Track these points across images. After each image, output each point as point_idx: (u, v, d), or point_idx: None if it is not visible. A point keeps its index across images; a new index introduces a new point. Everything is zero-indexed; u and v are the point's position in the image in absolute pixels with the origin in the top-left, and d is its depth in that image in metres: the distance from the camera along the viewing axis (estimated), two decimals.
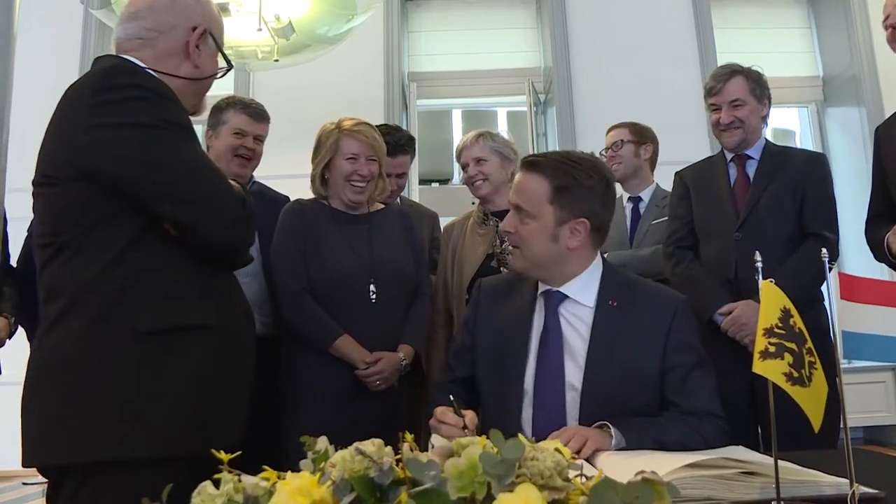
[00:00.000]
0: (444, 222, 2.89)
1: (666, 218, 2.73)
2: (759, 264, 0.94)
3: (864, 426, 6.18)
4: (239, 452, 0.80)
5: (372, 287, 2.19)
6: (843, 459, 0.92)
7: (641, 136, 2.96)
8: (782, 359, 0.86)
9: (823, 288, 2.17)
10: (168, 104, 1.34)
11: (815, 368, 0.89)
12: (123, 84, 1.31)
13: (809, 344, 0.90)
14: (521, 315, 1.65)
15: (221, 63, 1.55)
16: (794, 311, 0.89)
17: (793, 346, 0.87)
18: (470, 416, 1.45)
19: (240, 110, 2.46)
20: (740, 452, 1.35)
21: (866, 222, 2.34)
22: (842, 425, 0.93)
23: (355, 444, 0.72)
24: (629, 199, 2.94)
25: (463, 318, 1.81)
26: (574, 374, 1.57)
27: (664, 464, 1.12)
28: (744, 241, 2.30)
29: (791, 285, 2.21)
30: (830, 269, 0.92)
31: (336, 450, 0.76)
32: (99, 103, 1.29)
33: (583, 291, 1.62)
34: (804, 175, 2.33)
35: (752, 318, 2.19)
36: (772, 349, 0.86)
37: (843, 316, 0.93)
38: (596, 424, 1.48)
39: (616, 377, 1.55)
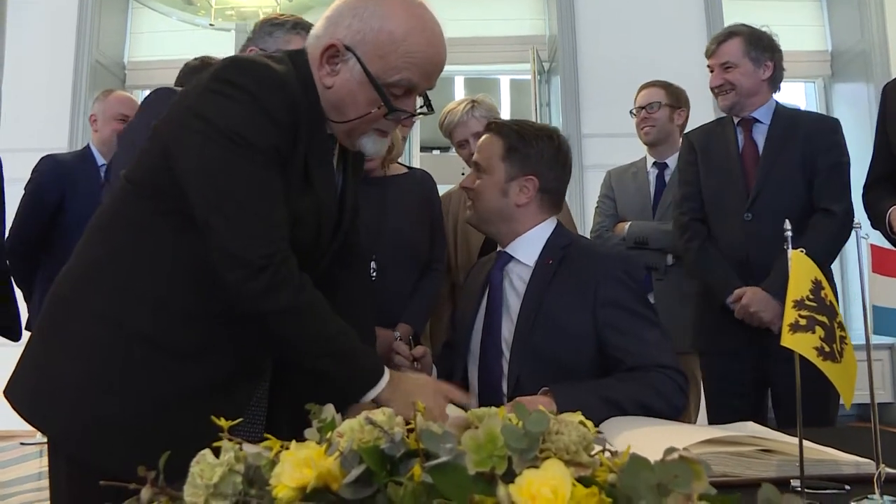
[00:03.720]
0: (443, 190, 2.82)
1: None
2: (789, 233, 0.90)
3: (857, 403, 6.19)
4: (240, 419, 0.77)
5: (372, 264, 2.13)
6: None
7: (677, 100, 2.86)
8: (813, 332, 0.82)
9: (854, 260, 2.14)
10: (266, 124, 1.19)
11: (846, 343, 0.84)
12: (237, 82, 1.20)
13: (840, 318, 0.85)
14: (481, 278, 1.76)
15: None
16: (825, 283, 0.85)
17: (824, 319, 0.83)
18: (419, 349, 1.67)
19: None
20: (752, 428, 1.32)
21: (865, 186, 2.29)
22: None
23: (365, 413, 0.68)
24: (654, 164, 2.86)
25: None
26: (508, 331, 1.63)
27: (678, 438, 1.08)
28: (754, 222, 2.25)
29: None
30: (863, 239, 0.86)
31: None
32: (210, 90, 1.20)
33: (526, 250, 1.68)
34: (815, 145, 2.27)
35: (758, 305, 2.18)
36: (802, 322, 0.82)
37: (874, 290, 0.88)
38: (541, 391, 1.47)
39: (544, 332, 1.57)
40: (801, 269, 0.84)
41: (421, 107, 1.35)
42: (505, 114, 6.82)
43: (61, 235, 2.79)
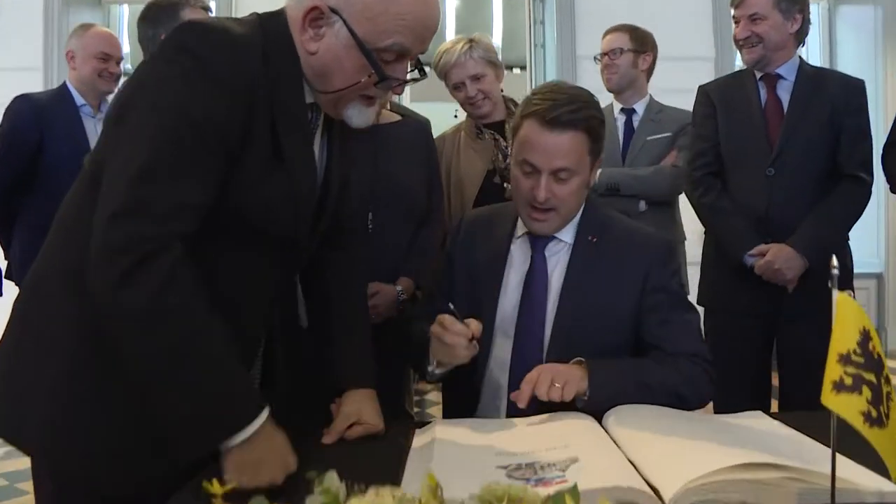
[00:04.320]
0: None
1: (665, 134, 2.61)
2: (836, 271, 0.80)
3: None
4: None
5: (370, 216, 2.03)
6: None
7: (641, 44, 2.72)
8: (860, 394, 0.73)
9: None
10: (209, 95, 1.04)
11: (893, 401, 0.76)
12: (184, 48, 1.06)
13: (887, 370, 0.77)
14: (498, 248, 1.62)
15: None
16: (873, 333, 0.76)
17: (872, 377, 0.74)
18: (474, 323, 1.41)
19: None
20: (768, 427, 1.26)
21: (885, 145, 2.21)
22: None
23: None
24: (621, 110, 2.75)
25: (445, 250, 1.74)
26: (550, 310, 1.55)
27: (690, 450, 1.03)
28: (777, 177, 2.16)
29: (826, 231, 2.12)
30: None
31: None
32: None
33: (565, 228, 1.58)
34: (841, 106, 2.17)
35: (784, 263, 2.11)
36: (848, 381, 0.73)
37: None
38: (573, 361, 1.42)
39: (589, 314, 1.52)
40: (849, 315, 0.75)
41: (412, 71, 1.22)
42: (497, 32, 6.56)
43: (40, 180, 2.62)
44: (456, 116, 2.52)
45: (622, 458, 1.10)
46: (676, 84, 3.05)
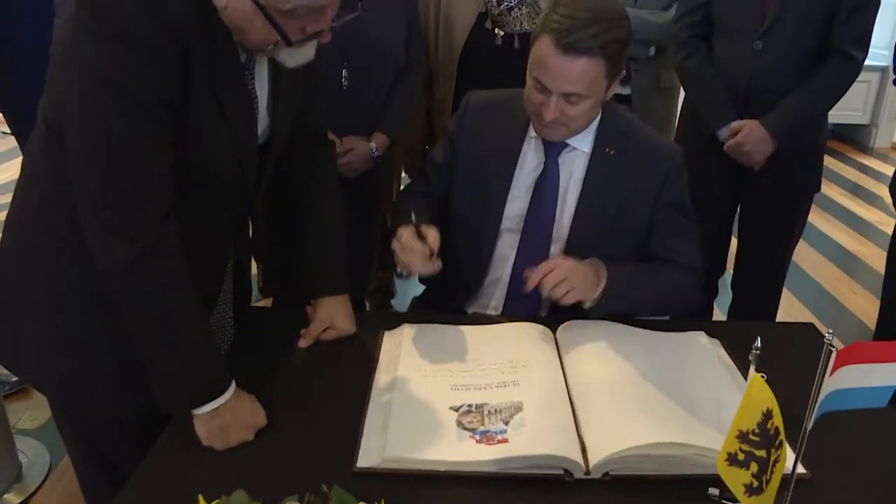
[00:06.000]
0: None
1: None
2: (757, 351, 0.87)
3: (834, 122, 6.25)
4: None
5: (344, 72, 1.97)
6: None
7: None
8: (747, 469, 0.85)
9: None
10: (140, 63, 0.99)
11: (780, 461, 0.88)
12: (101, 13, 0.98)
13: (782, 436, 0.88)
14: (510, 145, 1.62)
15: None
16: (776, 412, 0.85)
17: (762, 453, 0.85)
18: (432, 236, 1.45)
19: None
20: (705, 358, 1.41)
21: None
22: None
23: None
24: None
25: (448, 132, 1.71)
26: (564, 218, 1.61)
27: (631, 425, 1.16)
28: (764, 52, 2.07)
29: (803, 114, 2.09)
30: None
31: None
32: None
33: (582, 136, 1.58)
34: None
35: (754, 146, 2.11)
36: (741, 457, 0.85)
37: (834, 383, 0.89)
38: (589, 260, 1.52)
39: (604, 226, 1.59)
40: (757, 397, 0.84)
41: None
42: None
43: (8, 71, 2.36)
44: None
45: (563, 408, 1.24)
46: None
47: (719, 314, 3.01)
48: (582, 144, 1.58)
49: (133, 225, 1.04)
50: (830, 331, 0.87)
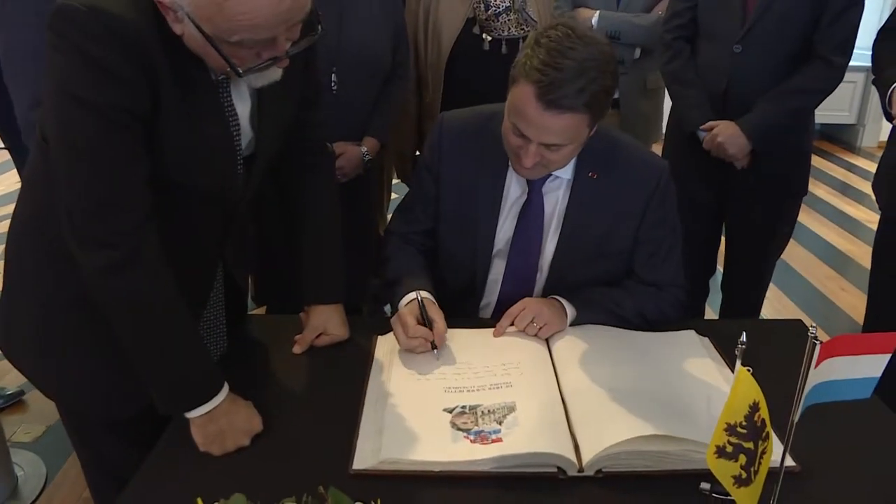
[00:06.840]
0: None
1: None
2: (743, 345, 0.89)
3: (821, 123, 6.30)
4: None
5: (333, 77, 1.99)
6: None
7: None
8: (736, 461, 0.87)
9: None
10: (101, 79, 1.00)
11: (766, 453, 0.90)
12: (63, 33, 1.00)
13: (769, 428, 0.90)
14: (495, 173, 1.58)
15: None
16: (762, 405, 0.87)
17: (750, 445, 0.87)
18: (439, 328, 1.43)
19: None
20: (694, 355, 1.43)
21: (881, 30, 2.12)
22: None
23: None
24: None
25: (424, 160, 1.67)
26: (549, 243, 1.60)
27: (621, 422, 1.17)
28: (743, 55, 2.11)
29: (777, 116, 2.12)
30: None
31: None
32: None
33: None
34: None
35: (727, 139, 2.15)
36: (729, 449, 0.86)
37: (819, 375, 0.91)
38: (551, 297, 1.55)
39: (590, 249, 1.59)
40: (743, 390, 0.86)
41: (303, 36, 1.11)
42: None
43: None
44: None
45: (555, 407, 1.26)
46: None
47: (711, 314, 3.03)
48: (564, 173, 1.54)
49: (111, 232, 1.06)
50: (814, 324, 0.89)
